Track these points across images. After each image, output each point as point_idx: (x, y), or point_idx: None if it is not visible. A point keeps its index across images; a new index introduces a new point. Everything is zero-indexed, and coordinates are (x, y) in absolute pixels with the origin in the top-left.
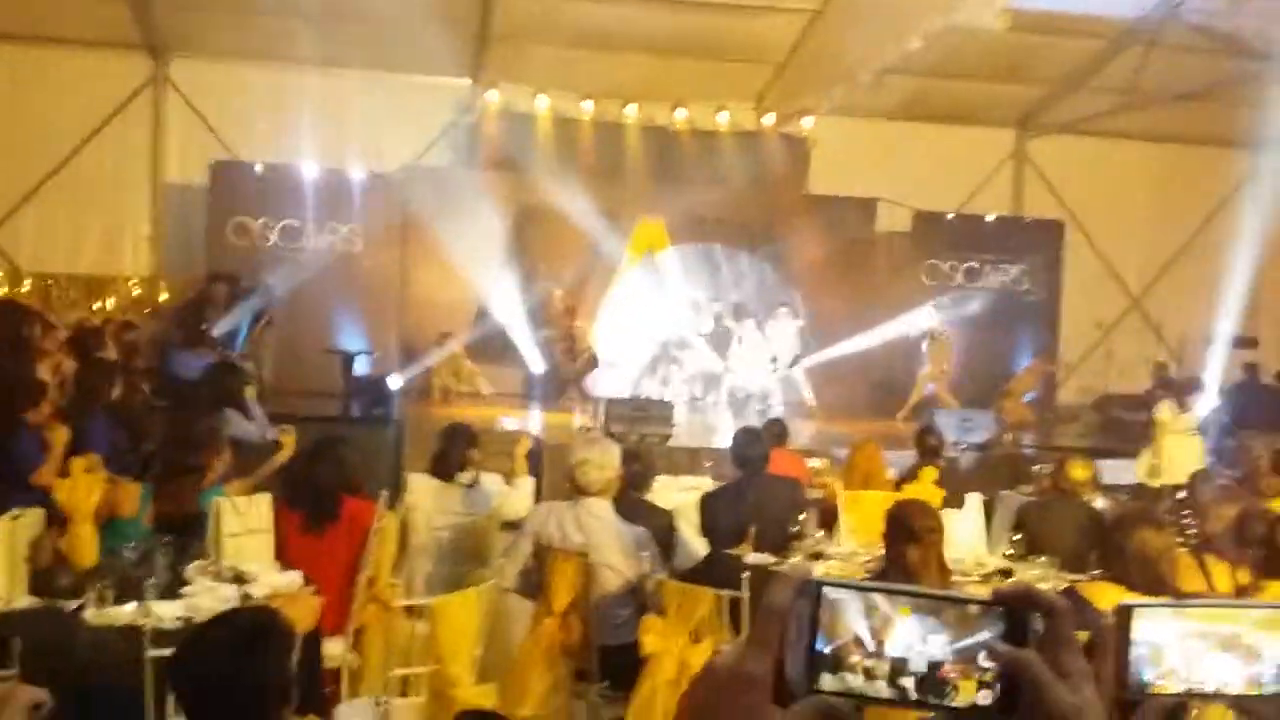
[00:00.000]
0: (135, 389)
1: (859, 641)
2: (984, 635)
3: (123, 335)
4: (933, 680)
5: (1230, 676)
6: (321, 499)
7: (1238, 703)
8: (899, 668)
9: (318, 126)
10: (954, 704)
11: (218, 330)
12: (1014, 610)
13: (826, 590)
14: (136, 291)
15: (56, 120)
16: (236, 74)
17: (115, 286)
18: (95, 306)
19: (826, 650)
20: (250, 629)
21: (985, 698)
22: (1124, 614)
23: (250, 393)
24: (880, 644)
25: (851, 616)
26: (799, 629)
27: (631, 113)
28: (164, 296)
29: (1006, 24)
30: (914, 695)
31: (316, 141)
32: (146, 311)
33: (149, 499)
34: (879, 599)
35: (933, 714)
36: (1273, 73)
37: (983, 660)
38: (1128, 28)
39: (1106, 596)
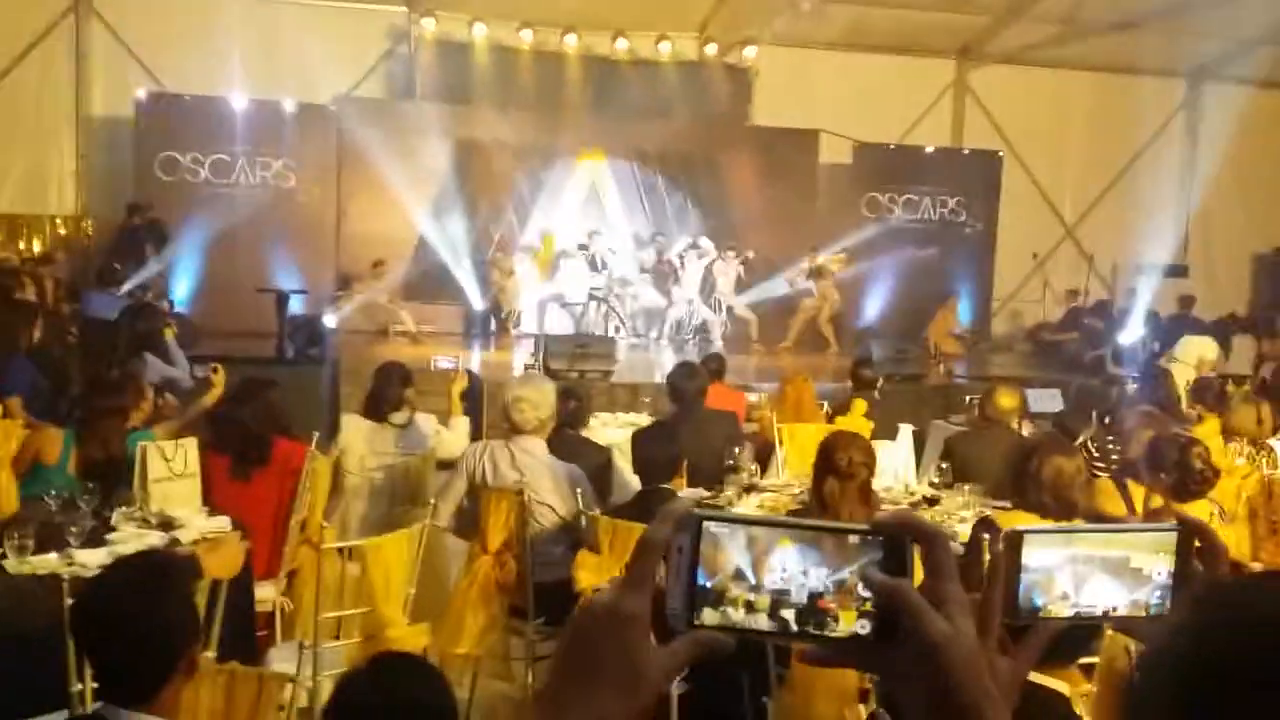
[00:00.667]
0: (59, 332)
1: (740, 575)
2: (863, 564)
3: (41, 276)
4: (813, 611)
5: (1118, 599)
6: (249, 442)
7: (1125, 624)
8: (779, 600)
9: (248, 56)
10: (834, 634)
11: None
12: (892, 539)
13: (707, 525)
14: (62, 231)
15: None
16: (162, 1)
17: (39, 225)
18: (21, 247)
19: (708, 585)
20: (146, 571)
21: (864, 627)
22: (1014, 539)
23: (169, 334)
24: (760, 577)
25: (733, 550)
26: (679, 564)
27: (571, 42)
28: (90, 235)
29: None
30: (794, 627)
31: (247, 72)
32: (68, 252)
33: (73, 445)
34: (760, 532)
35: (814, 645)
36: (1209, 2)
37: (861, 590)
38: None
39: (1021, 524)
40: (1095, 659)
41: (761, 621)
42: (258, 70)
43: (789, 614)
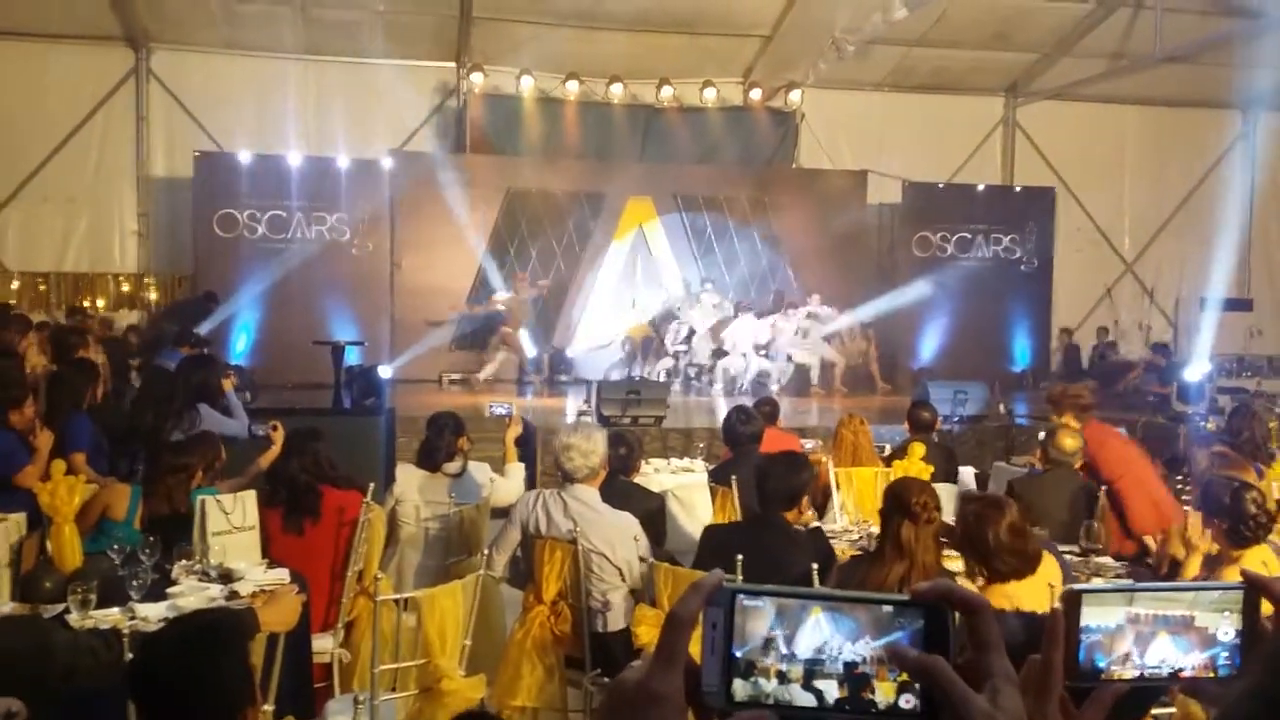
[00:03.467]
0: (120, 389)
1: (771, 644)
2: (899, 636)
3: (105, 334)
4: (850, 681)
5: (1184, 660)
6: (299, 495)
7: (1193, 686)
8: (813, 670)
9: (302, 115)
10: (875, 709)
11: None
12: (933, 609)
13: (740, 598)
14: (125, 288)
15: (38, 116)
16: (218, 64)
17: (103, 284)
18: (85, 304)
19: (738, 655)
20: (201, 631)
21: (908, 701)
22: (1072, 599)
23: (228, 385)
24: (794, 647)
25: (765, 620)
26: (713, 640)
27: (617, 91)
28: (153, 294)
29: None
30: (832, 699)
31: (301, 130)
32: (131, 308)
33: (139, 500)
34: (793, 603)
35: None
36: (1260, 32)
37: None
38: None
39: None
40: (1169, 709)
41: (795, 692)
42: (311, 128)
43: (824, 685)
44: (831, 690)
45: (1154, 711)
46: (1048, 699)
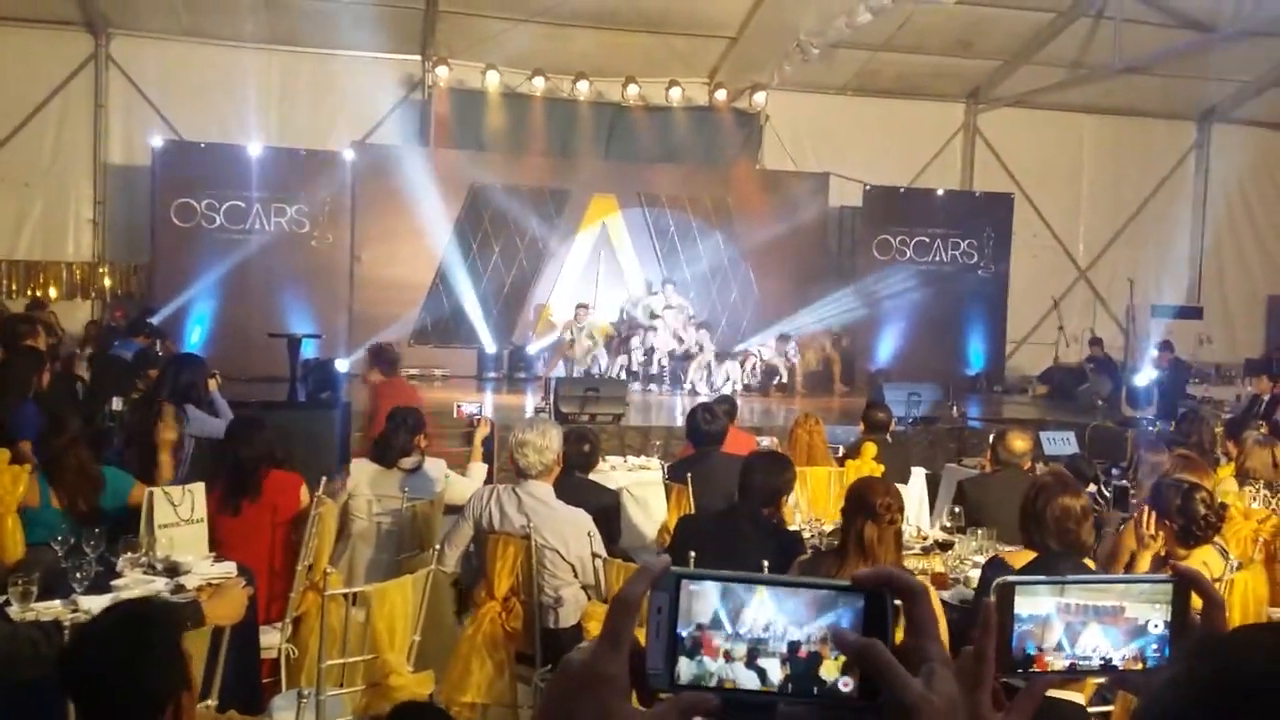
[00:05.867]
0: (68, 377)
1: (716, 623)
2: (841, 614)
3: (51, 322)
4: (793, 660)
5: (1114, 651)
6: (238, 476)
7: (1121, 677)
8: (757, 649)
9: (263, 105)
10: (819, 686)
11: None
12: (873, 594)
13: (685, 583)
14: (78, 277)
15: None
16: (179, 52)
17: (56, 271)
18: (37, 293)
19: (683, 634)
20: (127, 618)
21: (846, 684)
22: (1005, 590)
23: (213, 384)
24: (738, 626)
25: (710, 602)
26: (659, 624)
27: (583, 89)
28: (107, 282)
29: None
30: (775, 678)
31: (263, 120)
32: (84, 297)
33: (46, 483)
34: (738, 586)
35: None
36: (1215, 45)
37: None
38: (1075, 1)
39: (1029, 564)
40: (1109, 708)
41: (739, 670)
42: (273, 118)
43: (768, 664)
44: (775, 669)
45: (1096, 710)
46: (981, 689)
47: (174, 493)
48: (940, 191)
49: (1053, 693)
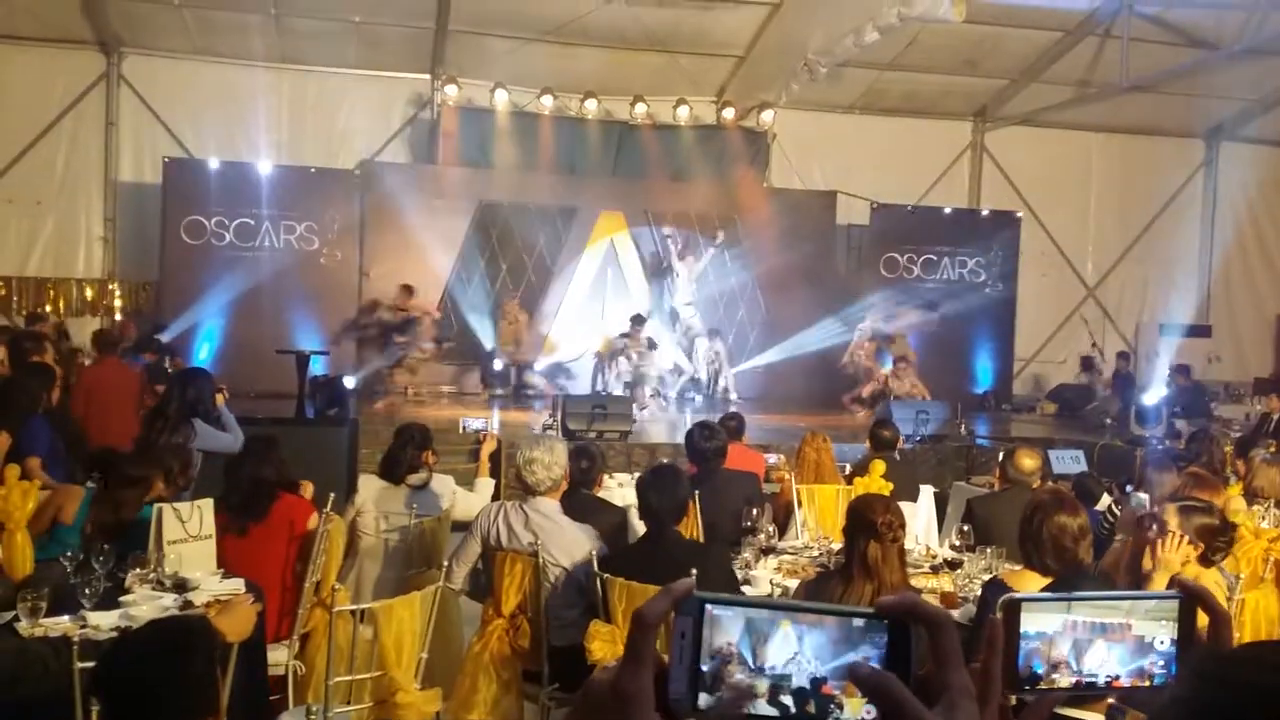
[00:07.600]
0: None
1: (740, 658)
2: (866, 650)
3: (61, 339)
4: (815, 696)
5: (1121, 668)
6: (248, 498)
7: (1128, 694)
8: (779, 685)
9: (273, 123)
10: None
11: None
12: (896, 623)
13: (709, 607)
14: (89, 294)
15: (6, 118)
16: (190, 70)
17: (66, 288)
18: (47, 309)
19: (705, 668)
20: (168, 636)
21: (870, 713)
22: (1011, 607)
23: (220, 399)
24: (761, 660)
25: (733, 632)
26: (682, 648)
27: (591, 107)
28: (117, 300)
29: (962, 16)
30: (794, 712)
31: (272, 138)
32: (94, 314)
33: (88, 505)
34: (762, 614)
35: None
36: (1223, 63)
37: None
38: (1082, 19)
39: (1030, 585)
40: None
41: (761, 707)
42: (283, 136)
43: (789, 700)
44: (797, 706)
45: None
46: (986, 706)
47: (182, 509)
48: (948, 210)
49: (1069, 713)
